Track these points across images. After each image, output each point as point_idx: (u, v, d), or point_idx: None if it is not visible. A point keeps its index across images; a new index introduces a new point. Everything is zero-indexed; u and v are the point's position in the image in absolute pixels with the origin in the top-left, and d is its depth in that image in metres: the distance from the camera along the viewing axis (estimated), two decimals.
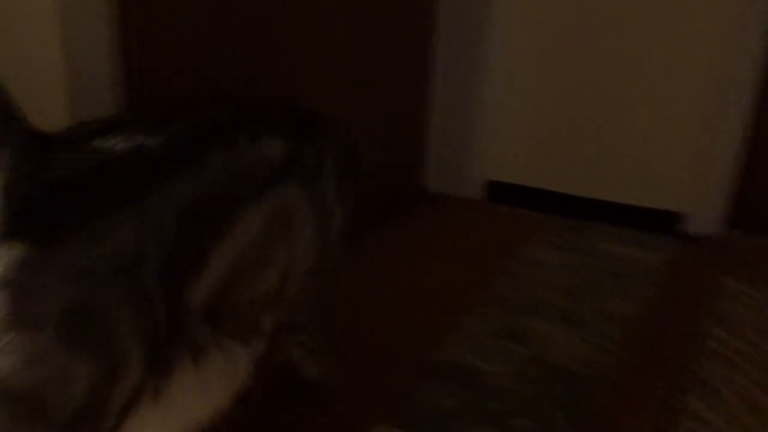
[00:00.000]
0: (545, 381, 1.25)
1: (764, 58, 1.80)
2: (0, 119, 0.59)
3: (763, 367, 1.33)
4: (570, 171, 2.08)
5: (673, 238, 1.92)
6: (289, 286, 0.85)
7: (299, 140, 0.84)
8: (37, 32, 0.89)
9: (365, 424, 1.11)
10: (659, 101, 1.94)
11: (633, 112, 1.98)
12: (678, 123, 1.94)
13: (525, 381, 1.25)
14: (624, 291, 1.61)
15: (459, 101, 2.09)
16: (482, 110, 2.09)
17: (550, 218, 2.03)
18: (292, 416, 1.08)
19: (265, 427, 1.05)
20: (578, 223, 2.00)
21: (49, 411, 0.57)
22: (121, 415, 0.64)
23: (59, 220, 0.60)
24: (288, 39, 1.38)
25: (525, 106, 2.09)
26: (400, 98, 1.95)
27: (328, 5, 1.50)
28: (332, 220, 0.90)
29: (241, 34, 1.25)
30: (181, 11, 1.11)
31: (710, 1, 1.82)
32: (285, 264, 0.82)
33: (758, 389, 1.25)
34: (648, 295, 1.59)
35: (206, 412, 0.77)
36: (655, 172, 2.00)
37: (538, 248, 1.83)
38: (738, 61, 1.82)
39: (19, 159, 0.59)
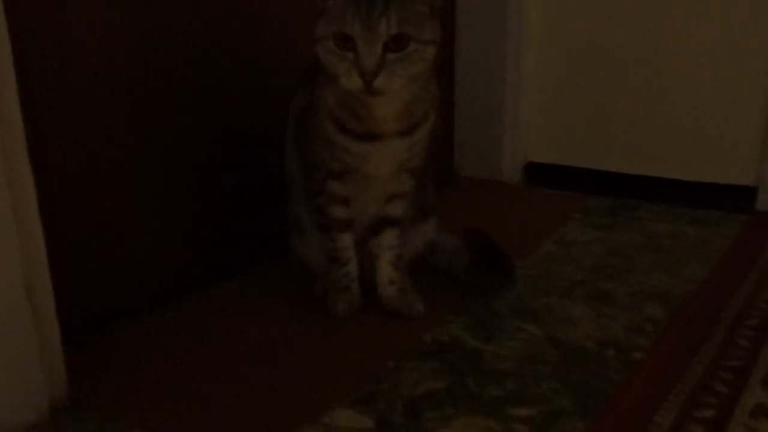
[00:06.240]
0: (557, 364, 1.03)
1: None
2: None
3: None
4: (618, 146, 1.83)
5: (738, 215, 1.64)
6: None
7: None
8: None
9: (322, 405, 0.92)
10: (717, 64, 1.68)
11: (688, 79, 1.72)
12: (739, 87, 1.67)
13: (533, 365, 1.03)
14: (669, 268, 1.36)
15: (487, 74, 1.90)
16: (514, 84, 1.89)
17: (590, 198, 1.79)
18: None
19: None
20: (622, 202, 1.75)
21: None
22: None
23: None
24: None
25: (563, 77, 1.87)
26: None
27: None
28: None
29: None
30: None
31: None
32: None
33: None
34: (700, 273, 1.33)
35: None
36: (717, 143, 1.73)
37: (571, 228, 1.59)
38: None
39: None
